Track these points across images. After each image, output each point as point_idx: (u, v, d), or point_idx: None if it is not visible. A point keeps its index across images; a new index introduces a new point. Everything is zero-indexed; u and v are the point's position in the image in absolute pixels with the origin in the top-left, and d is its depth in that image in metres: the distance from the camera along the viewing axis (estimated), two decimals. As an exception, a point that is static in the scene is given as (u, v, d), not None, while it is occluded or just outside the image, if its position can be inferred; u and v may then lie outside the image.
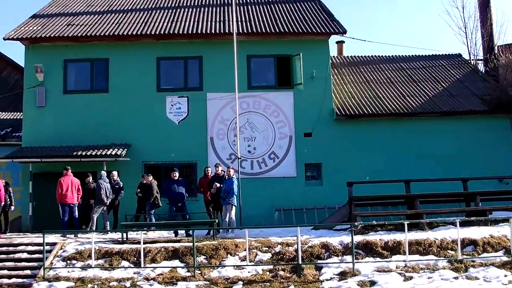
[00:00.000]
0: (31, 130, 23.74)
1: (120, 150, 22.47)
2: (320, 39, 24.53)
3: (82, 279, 15.53)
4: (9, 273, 16.21)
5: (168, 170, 22.00)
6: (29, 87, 23.98)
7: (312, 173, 23.91)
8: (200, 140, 23.72)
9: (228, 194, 18.88)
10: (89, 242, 17.11)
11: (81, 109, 23.78)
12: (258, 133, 23.90)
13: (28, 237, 19.07)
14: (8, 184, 21.13)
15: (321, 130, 23.80)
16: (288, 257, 16.02)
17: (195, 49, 24.37)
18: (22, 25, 25.29)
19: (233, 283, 14.92)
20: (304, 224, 20.78)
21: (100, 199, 19.64)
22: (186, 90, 24.17)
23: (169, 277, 15.41)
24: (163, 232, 20.18)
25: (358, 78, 27.79)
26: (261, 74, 24.66)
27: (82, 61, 24.42)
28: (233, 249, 16.54)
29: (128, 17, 26.28)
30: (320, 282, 14.72)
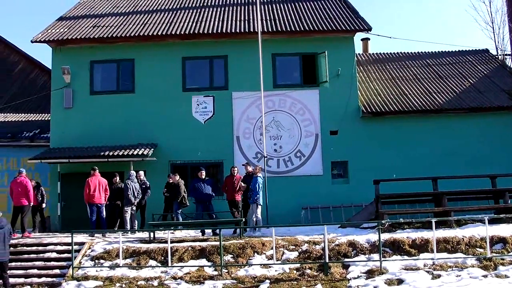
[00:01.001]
0: (58, 131, 23.98)
1: (147, 150, 22.58)
2: (345, 36, 24.43)
3: (110, 278, 15.65)
4: (39, 272, 16.42)
5: (195, 169, 22.09)
6: (56, 88, 24.23)
7: (339, 171, 23.83)
8: (226, 139, 23.76)
9: (252, 193, 18.90)
10: (117, 242, 17.25)
11: (107, 109, 23.95)
12: (284, 132, 23.87)
13: (57, 237, 19.28)
14: (39, 184, 21.38)
15: (347, 128, 23.70)
16: (315, 256, 16.00)
17: (220, 48, 24.41)
18: (49, 27, 25.54)
19: (260, 282, 14.92)
20: (330, 222, 20.66)
21: (128, 199, 19.78)
22: (212, 90, 24.22)
23: (196, 276, 15.46)
24: (190, 231, 20.26)
25: (384, 75, 27.65)
26: (287, 73, 24.60)
27: (108, 62, 24.60)
28: (260, 248, 16.55)
29: (153, 17, 26.42)
30: (347, 280, 14.66)
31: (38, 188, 21.29)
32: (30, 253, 17.63)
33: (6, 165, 26.13)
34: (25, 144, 26.15)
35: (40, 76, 33.05)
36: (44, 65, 32.84)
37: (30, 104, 31.74)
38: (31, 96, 31.05)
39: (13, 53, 33.85)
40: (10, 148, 26.16)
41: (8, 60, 33.70)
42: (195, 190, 19.65)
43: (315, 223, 20.98)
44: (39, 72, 33.26)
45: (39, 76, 33.11)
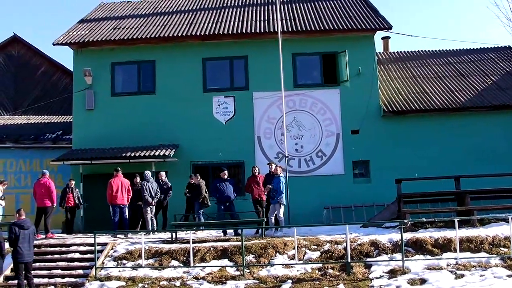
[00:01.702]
0: (80, 132, 24.15)
1: (168, 150, 22.64)
2: (366, 35, 24.33)
3: (133, 279, 15.75)
4: (63, 273, 16.60)
5: (216, 169, 22.14)
6: (78, 90, 24.41)
7: (360, 170, 23.75)
8: (247, 139, 23.77)
9: (276, 193, 18.89)
10: (139, 242, 17.36)
11: (129, 111, 24.07)
12: (305, 131, 23.83)
13: (80, 238, 19.45)
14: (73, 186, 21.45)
15: (368, 127, 23.60)
16: (337, 255, 15.98)
17: (241, 48, 24.44)
18: (71, 30, 25.74)
19: (282, 282, 14.93)
20: (352, 222, 20.66)
21: (145, 199, 19.86)
22: (232, 90, 24.25)
23: (218, 276, 15.51)
24: (212, 231, 20.29)
25: (405, 74, 27.50)
26: (307, 72, 24.56)
27: (129, 64, 24.71)
28: (282, 248, 16.56)
29: (173, 19, 26.52)
30: (370, 280, 14.62)
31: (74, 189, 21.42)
32: (53, 254, 17.83)
33: (29, 167, 26.37)
34: (48, 145, 26.38)
35: (62, 78, 33.31)
36: (66, 67, 33.09)
37: (52, 106, 32.03)
38: (54, 98, 31.34)
39: (35, 56, 34.16)
40: (33, 150, 26.40)
41: (30, 63, 34.01)
42: (217, 191, 19.68)
43: (337, 223, 20.82)
44: (61, 74, 33.52)
45: (61, 78, 33.38)
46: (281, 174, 19.32)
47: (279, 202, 18.86)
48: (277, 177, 19.12)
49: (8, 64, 33.98)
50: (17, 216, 15.33)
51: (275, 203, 18.94)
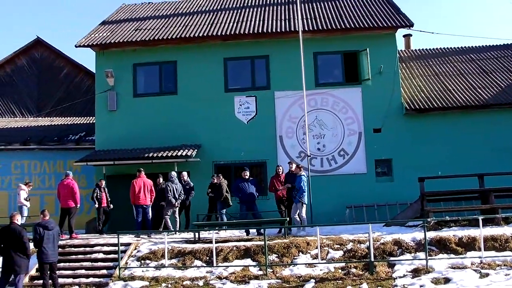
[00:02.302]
0: (103, 133, 24.32)
1: (191, 151, 22.71)
2: (387, 33, 24.22)
3: (156, 279, 15.83)
4: (87, 273, 16.74)
5: (238, 169, 22.22)
6: (100, 92, 24.57)
7: (383, 169, 23.64)
8: (269, 138, 23.78)
9: (298, 192, 18.88)
10: (162, 242, 17.44)
11: (151, 111, 24.19)
12: (327, 130, 23.79)
13: (104, 238, 19.59)
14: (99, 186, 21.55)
15: (390, 126, 23.49)
16: (360, 255, 15.93)
17: (262, 48, 24.45)
18: (92, 32, 25.93)
19: (305, 281, 14.92)
20: (375, 221, 20.55)
21: (169, 200, 19.94)
22: (254, 90, 24.26)
23: (241, 276, 15.53)
24: (234, 231, 20.33)
25: (427, 71, 27.33)
26: (328, 71, 24.51)
27: (151, 65, 24.82)
28: (305, 247, 16.55)
29: (194, 19, 26.60)
30: (393, 279, 14.55)
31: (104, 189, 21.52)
32: (77, 254, 17.98)
33: (53, 168, 26.65)
34: (71, 147, 26.64)
35: (84, 80, 33.57)
36: (89, 69, 33.34)
37: (75, 107, 32.30)
38: (76, 100, 31.56)
39: (58, 58, 34.46)
40: (57, 151, 26.69)
41: (53, 65, 34.32)
42: (239, 190, 19.72)
43: (360, 222, 20.80)
44: (83, 76, 33.79)
45: (84, 80, 33.63)
46: (302, 173, 19.29)
47: (301, 202, 18.85)
48: (298, 176, 19.09)
49: (32, 67, 34.33)
50: (41, 217, 15.47)
51: (297, 203, 18.93)
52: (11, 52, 34.63)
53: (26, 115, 33.47)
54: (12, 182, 25.99)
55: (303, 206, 18.92)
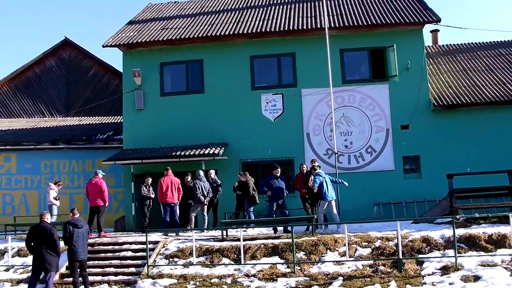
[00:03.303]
0: (131, 132, 24.50)
1: (218, 149, 22.76)
2: (414, 29, 24.02)
3: (184, 276, 15.89)
4: (116, 271, 16.88)
5: (265, 167, 22.31)
6: (128, 91, 24.74)
7: (411, 166, 23.47)
8: (296, 136, 23.75)
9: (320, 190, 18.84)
10: (190, 240, 17.48)
11: (178, 110, 24.30)
12: (354, 127, 23.69)
13: (132, 236, 19.77)
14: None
15: (418, 122, 23.32)
16: (388, 252, 15.84)
17: (288, 45, 24.41)
18: (119, 32, 26.11)
19: (333, 279, 14.87)
20: (403, 218, 20.46)
21: (197, 198, 20.01)
22: (281, 87, 24.24)
23: (269, 274, 15.53)
24: (262, 229, 20.34)
25: (455, 67, 27.09)
26: (355, 68, 24.40)
27: (178, 63, 24.93)
28: (333, 245, 16.50)
29: (220, 17, 26.67)
30: (422, 277, 14.45)
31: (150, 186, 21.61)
32: (106, 252, 18.12)
33: (82, 167, 26.92)
34: (99, 146, 26.87)
35: (112, 79, 33.83)
36: (116, 69, 33.59)
37: (103, 107, 32.60)
38: (104, 100, 31.84)
39: (86, 59, 34.79)
40: (86, 151, 26.95)
41: (81, 66, 34.67)
42: (270, 188, 19.65)
43: (388, 219, 20.71)
44: (111, 75, 34.06)
45: (111, 79, 33.90)
46: (318, 171, 19.19)
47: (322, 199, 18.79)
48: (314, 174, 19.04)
49: (60, 67, 34.69)
50: (71, 215, 15.70)
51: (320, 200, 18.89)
52: (40, 53, 34.95)
53: (55, 115, 33.83)
54: (42, 182, 26.29)
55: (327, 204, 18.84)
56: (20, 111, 34.44)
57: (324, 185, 18.79)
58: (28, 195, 26.84)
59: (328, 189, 18.82)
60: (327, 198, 18.79)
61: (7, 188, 27.05)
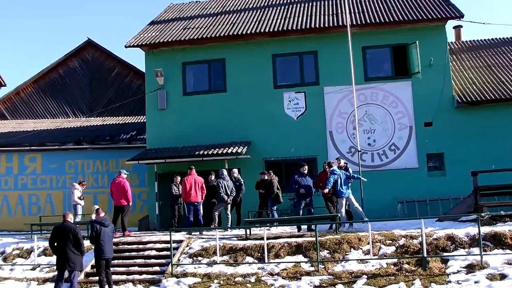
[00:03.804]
0: (154, 132, 24.61)
1: (241, 148, 22.77)
2: (437, 25, 23.83)
3: (208, 275, 15.96)
4: (140, 269, 17.04)
5: (288, 165, 22.31)
6: (150, 91, 24.86)
7: (435, 163, 23.31)
8: (319, 134, 23.68)
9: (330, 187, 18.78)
10: (214, 239, 17.52)
11: (200, 109, 24.36)
12: (377, 125, 23.57)
13: (156, 235, 19.89)
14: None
15: (442, 119, 23.14)
16: (413, 250, 15.77)
17: (310, 43, 24.35)
18: (142, 32, 26.23)
19: (357, 277, 14.85)
20: (428, 216, 20.31)
21: (221, 197, 20.04)
22: (303, 85, 24.20)
23: (293, 272, 15.54)
24: (285, 227, 20.34)
25: (479, 63, 26.85)
26: (377, 65, 24.24)
27: (200, 63, 24.99)
28: (357, 243, 16.47)
29: (241, 16, 26.68)
30: (447, 275, 14.36)
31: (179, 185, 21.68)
32: (131, 251, 18.25)
33: (106, 167, 27.10)
34: (123, 146, 27.01)
35: (135, 79, 33.98)
36: (138, 69, 33.73)
37: (126, 107, 32.77)
38: (127, 100, 32.00)
39: (109, 59, 34.97)
40: (109, 150, 27.13)
41: (104, 66, 34.84)
42: (298, 185, 19.58)
43: (412, 217, 20.60)
44: (133, 75, 34.21)
45: (134, 79, 34.06)
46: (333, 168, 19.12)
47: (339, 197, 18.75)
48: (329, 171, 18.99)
49: (83, 68, 34.92)
50: (96, 215, 15.91)
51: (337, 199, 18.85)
52: (63, 54, 35.24)
53: (79, 115, 34.09)
54: (66, 182, 26.52)
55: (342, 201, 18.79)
56: (45, 112, 34.75)
57: (338, 182, 18.73)
58: (53, 195, 27.09)
59: (342, 186, 18.75)
60: (343, 196, 18.75)
61: (32, 188, 27.34)
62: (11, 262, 18.80)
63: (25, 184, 27.43)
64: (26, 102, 35.06)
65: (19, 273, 17.98)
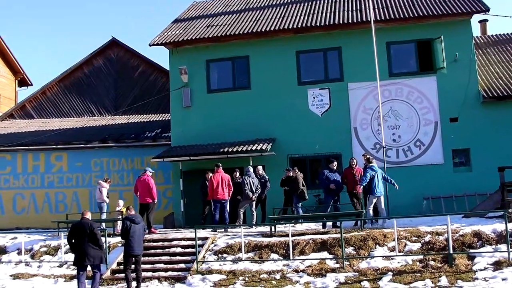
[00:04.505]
0: (179, 130, 24.70)
1: (265, 144, 22.74)
2: (462, 19, 23.57)
3: (233, 272, 16.00)
4: (165, 267, 17.13)
5: (313, 162, 22.29)
6: (175, 89, 24.94)
7: (460, 159, 23.09)
8: (344, 131, 23.58)
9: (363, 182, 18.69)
10: (239, 236, 17.56)
11: (225, 106, 24.39)
12: (402, 121, 23.41)
13: (181, 232, 19.99)
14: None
15: (467, 114, 22.91)
16: (439, 247, 15.66)
17: (334, 40, 24.25)
18: (165, 30, 26.32)
19: (382, 274, 14.79)
20: (454, 212, 20.17)
21: (245, 194, 20.07)
22: (327, 82, 24.11)
23: (318, 269, 15.53)
24: (310, 224, 20.30)
25: (505, 57, 26.55)
26: (402, 61, 24.05)
27: (224, 60, 25.00)
28: (382, 240, 16.41)
29: (265, 13, 26.66)
30: (473, 272, 14.24)
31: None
32: (156, 248, 18.35)
33: (131, 165, 27.26)
34: (148, 143, 27.15)
35: (159, 77, 34.09)
36: (163, 67, 33.84)
37: (151, 105, 32.90)
38: (152, 98, 32.15)
39: (133, 58, 35.13)
40: (134, 148, 27.29)
41: (128, 64, 35.01)
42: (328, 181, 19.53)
43: (438, 214, 20.41)
44: (158, 74, 34.32)
45: (158, 77, 34.17)
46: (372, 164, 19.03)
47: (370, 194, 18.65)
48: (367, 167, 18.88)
49: (108, 67, 35.14)
50: (127, 212, 16.20)
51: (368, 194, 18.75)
52: (88, 53, 35.50)
53: (104, 114, 34.32)
54: (92, 179, 26.73)
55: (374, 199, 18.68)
56: (70, 111, 35.04)
57: (375, 180, 18.61)
58: (79, 193, 27.33)
59: (378, 184, 18.64)
60: (376, 193, 18.63)
61: (59, 186, 27.62)
62: (38, 259, 19.08)
63: (52, 182, 27.72)
64: (52, 101, 35.39)
65: (46, 270, 18.25)
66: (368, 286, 14.27)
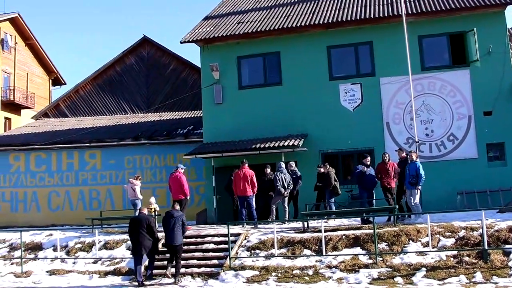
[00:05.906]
0: (210, 126, 24.78)
1: (297, 140, 22.69)
2: (495, 11, 23.24)
3: (266, 268, 16.02)
4: (198, 263, 17.23)
5: (346, 158, 22.23)
6: (206, 85, 25.02)
7: (495, 153, 22.77)
8: (376, 125, 23.44)
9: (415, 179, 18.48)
10: (271, 232, 17.55)
11: (256, 103, 24.41)
12: (435, 115, 23.18)
13: (214, 229, 20.01)
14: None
15: (502, 108, 22.59)
16: (473, 242, 15.48)
17: (365, 34, 24.10)
18: (196, 27, 26.41)
19: (416, 270, 14.69)
20: (488, 207, 19.89)
21: (278, 190, 20.05)
22: (359, 77, 23.98)
23: (350, 265, 15.46)
24: (343, 219, 20.23)
25: (540, 49, 26.11)
26: (434, 54, 23.79)
27: (255, 57, 25.02)
28: (415, 235, 16.28)
29: (295, 9, 26.58)
30: (509, 268, 14.06)
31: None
32: (189, 245, 18.38)
33: (163, 162, 27.43)
34: (180, 140, 27.28)
35: (190, 74, 34.24)
36: (194, 64, 34.00)
37: (182, 102, 33.09)
38: (183, 95, 32.31)
39: (164, 55, 35.35)
40: (167, 145, 27.43)
41: (160, 62, 35.27)
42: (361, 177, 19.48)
43: (472, 209, 20.17)
44: (189, 71, 34.48)
45: (190, 74, 34.33)
46: (416, 160, 18.87)
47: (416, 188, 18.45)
48: (413, 162, 18.68)
49: (140, 65, 35.41)
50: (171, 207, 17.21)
51: (412, 189, 18.55)
52: (120, 52, 35.80)
53: (136, 111, 34.61)
54: (125, 177, 26.91)
55: (417, 193, 18.53)
56: (103, 109, 35.40)
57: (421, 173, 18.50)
58: (112, 190, 27.60)
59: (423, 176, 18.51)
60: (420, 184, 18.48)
61: (93, 183, 27.94)
62: (73, 255, 19.31)
63: (86, 180, 28.05)
64: (85, 99, 35.80)
65: (81, 266, 18.48)
66: (401, 282, 14.18)
